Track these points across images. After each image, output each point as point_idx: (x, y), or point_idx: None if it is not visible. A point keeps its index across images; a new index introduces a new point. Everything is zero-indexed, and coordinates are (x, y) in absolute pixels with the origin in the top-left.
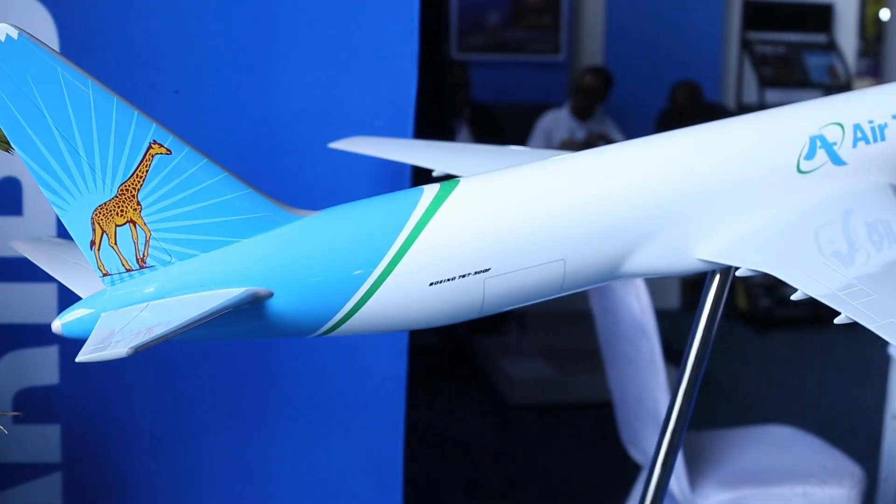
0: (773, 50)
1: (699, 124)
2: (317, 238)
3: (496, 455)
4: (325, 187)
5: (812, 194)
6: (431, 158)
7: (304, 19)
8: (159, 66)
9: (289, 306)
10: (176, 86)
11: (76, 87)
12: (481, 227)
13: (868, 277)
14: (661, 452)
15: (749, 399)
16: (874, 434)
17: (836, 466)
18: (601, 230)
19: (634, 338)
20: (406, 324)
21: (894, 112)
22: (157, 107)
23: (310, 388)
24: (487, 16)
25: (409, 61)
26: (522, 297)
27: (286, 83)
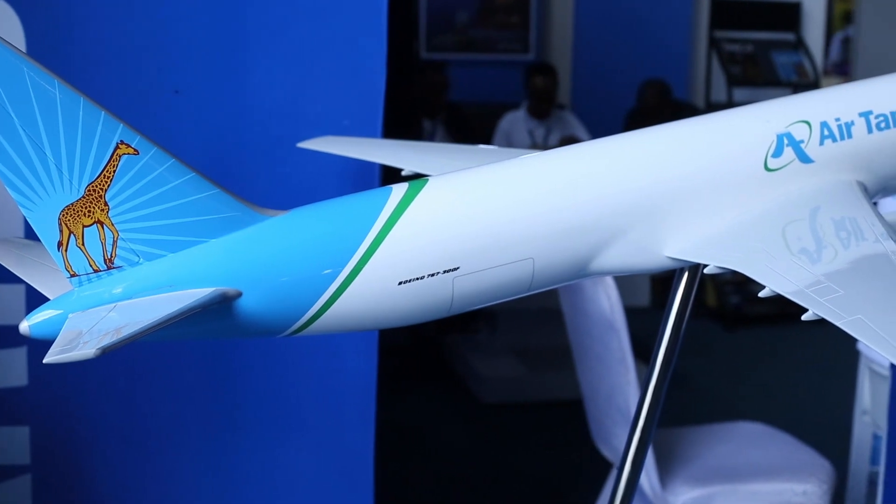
0: (741, 48)
1: (667, 123)
2: (285, 238)
3: (467, 453)
4: (293, 187)
5: (780, 192)
6: (400, 158)
7: (273, 19)
8: (127, 67)
9: (258, 306)
10: (143, 86)
11: (42, 87)
12: (450, 226)
13: (835, 274)
14: (631, 450)
15: (719, 396)
16: (843, 430)
17: (805, 462)
18: (569, 229)
19: (604, 336)
20: (375, 323)
21: (861, 110)
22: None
23: (280, 387)
24: (456, 15)
25: (377, 61)
26: (492, 296)
27: (254, 83)
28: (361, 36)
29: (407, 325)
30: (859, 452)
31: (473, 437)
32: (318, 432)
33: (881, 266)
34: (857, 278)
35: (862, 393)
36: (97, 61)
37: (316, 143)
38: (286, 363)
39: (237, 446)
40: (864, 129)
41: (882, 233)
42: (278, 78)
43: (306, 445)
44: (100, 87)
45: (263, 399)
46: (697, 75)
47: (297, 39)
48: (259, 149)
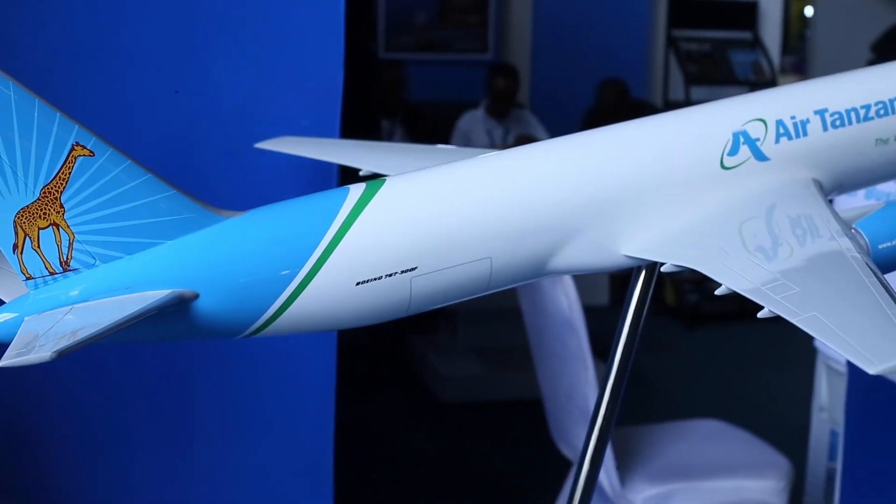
0: (698, 47)
1: (624, 122)
2: (242, 239)
3: (427, 453)
4: (251, 188)
5: (736, 190)
6: (358, 158)
7: (230, 20)
8: (85, 69)
9: (215, 307)
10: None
11: None
12: (407, 226)
13: (791, 272)
14: (590, 448)
15: (678, 394)
16: (801, 426)
17: (764, 459)
18: (526, 228)
19: (563, 334)
20: (334, 323)
21: (816, 108)
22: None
23: (239, 389)
24: (415, 15)
25: (335, 61)
26: (450, 296)
27: (212, 84)
28: (319, 37)
29: (365, 325)
30: (817, 449)
31: (434, 437)
32: (277, 434)
33: (836, 263)
34: (813, 275)
35: (819, 390)
36: (53, 64)
37: (274, 143)
38: (245, 365)
39: (196, 449)
40: (819, 127)
41: (837, 230)
42: (236, 79)
43: (266, 447)
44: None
45: (222, 401)
46: (655, 74)
47: (254, 40)
48: (217, 149)
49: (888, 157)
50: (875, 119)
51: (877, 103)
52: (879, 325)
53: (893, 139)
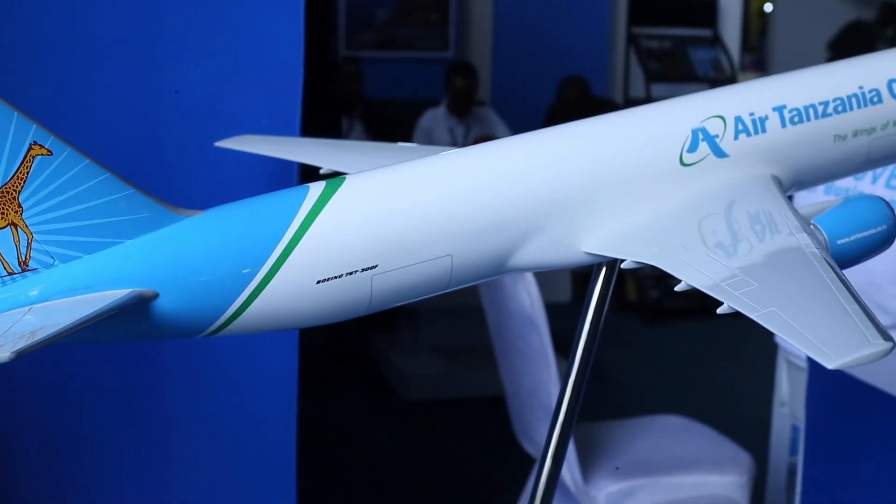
0: (658, 45)
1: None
2: (202, 237)
3: (390, 451)
4: (212, 186)
5: (695, 186)
6: (318, 156)
7: (190, 18)
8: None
9: (176, 306)
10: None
11: None
12: (367, 225)
13: (750, 268)
14: (552, 444)
15: (640, 390)
16: (763, 421)
17: (726, 454)
18: (487, 225)
19: (525, 332)
20: (295, 322)
21: (775, 104)
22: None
23: (200, 389)
24: (376, 13)
25: (294, 60)
26: (411, 294)
27: (172, 82)
28: (279, 35)
29: (326, 323)
30: (778, 443)
31: (396, 435)
32: (239, 433)
33: (795, 259)
34: (772, 271)
35: (780, 385)
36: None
37: (234, 141)
38: (206, 365)
39: (158, 448)
40: (778, 123)
41: (796, 226)
42: (196, 77)
43: (228, 447)
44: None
45: (183, 401)
46: (616, 71)
47: (214, 39)
48: (177, 148)
49: (846, 153)
50: (833, 115)
51: (835, 100)
52: (837, 321)
53: (852, 135)
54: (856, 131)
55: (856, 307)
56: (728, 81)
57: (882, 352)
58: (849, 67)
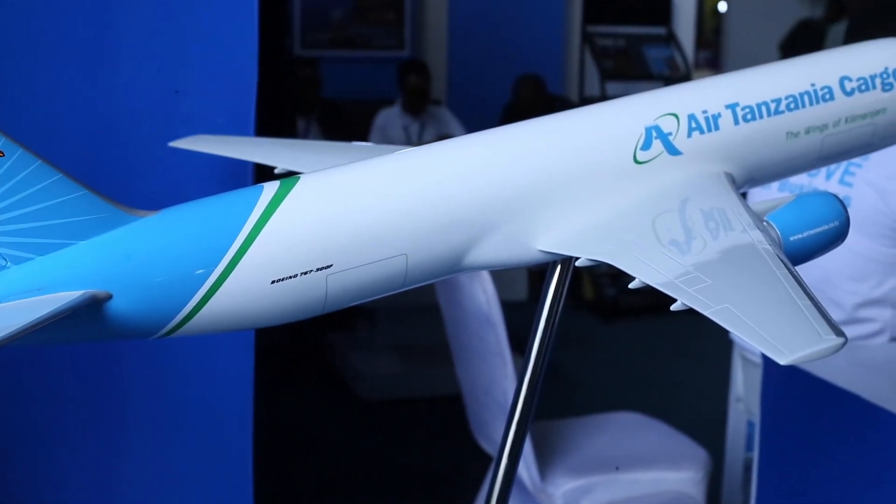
0: (613, 43)
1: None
2: (156, 238)
3: (349, 451)
4: (166, 187)
5: (649, 184)
6: (273, 155)
7: (143, 17)
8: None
9: (129, 308)
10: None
11: None
12: (322, 224)
13: (704, 265)
14: (508, 442)
15: (597, 387)
16: (719, 417)
17: (682, 450)
18: (442, 224)
19: (481, 330)
20: (250, 322)
21: (727, 102)
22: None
23: (156, 389)
24: (331, 12)
25: (248, 59)
26: (366, 293)
27: (122, 82)
28: (233, 34)
29: (281, 323)
30: (734, 439)
31: (354, 435)
32: (195, 434)
33: (748, 255)
34: (725, 268)
35: (735, 381)
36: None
37: (188, 141)
38: (162, 365)
39: (113, 450)
40: (730, 121)
41: (749, 223)
42: (148, 76)
43: (184, 448)
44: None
45: (139, 402)
46: (571, 70)
47: (167, 38)
48: (130, 148)
49: (799, 150)
50: (786, 113)
51: (787, 97)
52: (790, 316)
53: (804, 132)
54: (808, 128)
55: (808, 303)
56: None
57: (834, 347)
58: (801, 65)
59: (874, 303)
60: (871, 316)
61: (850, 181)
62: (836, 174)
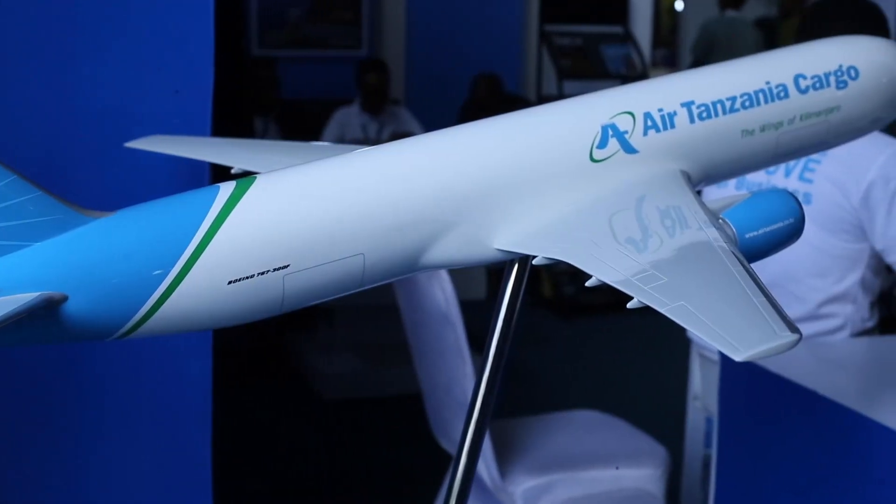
0: (570, 42)
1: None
2: (112, 239)
3: (309, 451)
4: (122, 188)
5: (606, 182)
6: (230, 156)
7: (98, 17)
8: None
9: (86, 309)
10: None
11: None
12: (278, 224)
13: (660, 262)
14: (467, 441)
15: (557, 385)
16: (678, 414)
17: (641, 448)
18: (398, 224)
19: (440, 329)
20: (207, 323)
21: (683, 100)
22: None
23: (114, 390)
24: (288, 11)
25: (204, 59)
26: (323, 293)
27: (80, 82)
28: (188, 34)
29: (239, 324)
30: (693, 437)
31: (314, 434)
32: (154, 435)
33: (704, 253)
34: (681, 266)
35: (693, 378)
36: None
37: (144, 142)
38: (119, 366)
39: (70, 452)
40: (686, 119)
41: (705, 220)
42: (104, 77)
43: (142, 448)
44: None
45: (97, 403)
46: (529, 69)
47: (122, 38)
48: (85, 149)
49: (754, 147)
50: (741, 111)
51: (742, 95)
52: (745, 313)
53: (759, 130)
54: (763, 126)
55: (763, 300)
56: (640, 78)
57: (789, 343)
58: (756, 63)
59: (836, 298)
60: (833, 311)
61: (810, 178)
62: (796, 171)
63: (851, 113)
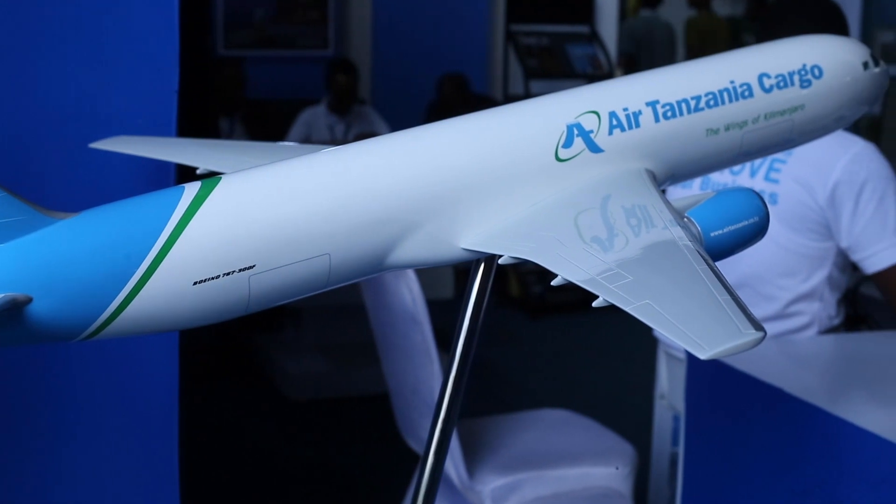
0: (537, 41)
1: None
2: (76, 240)
3: (276, 452)
4: (87, 188)
5: (571, 182)
6: (195, 156)
7: (61, 16)
8: None
9: (50, 311)
10: None
11: None
12: (243, 224)
13: (626, 261)
14: (434, 440)
15: (525, 384)
16: (645, 413)
17: (609, 446)
18: (363, 223)
19: (407, 329)
20: (173, 324)
21: (648, 99)
22: None
23: (80, 391)
24: (254, 11)
25: (169, 58)
26: (289, 293)
27: (43, 82)
28: (153, 33)
29: (204, 324)
30: (660, 434)
31: (281, 435)
32: (120, 435)
33: (669, 252)
34: (646, 264)
35: (660, 377)
36: None
37: (109, 143)
38: (85, 367)
39: (37, 450)
40: (651, 118)
41: (670, 219)
42: (68, 77)
43: (109, 449)
44: None
45: (62, 404)
46: (495, 68)
47: (86, 37)
48: (50, 150)
49: (719, 146)
50: (705, 110)
51: (707, 94)
52: (710, 312)
53: (724, 129)
54: (728, 125)
55: (728, 298)
56: (605, 77)
57: (753, 341)
58: (721, 63)
59: (804, 297)
60: (801, 310)
61: (775, 178)
62: (762, 171)
63: (816, 111)
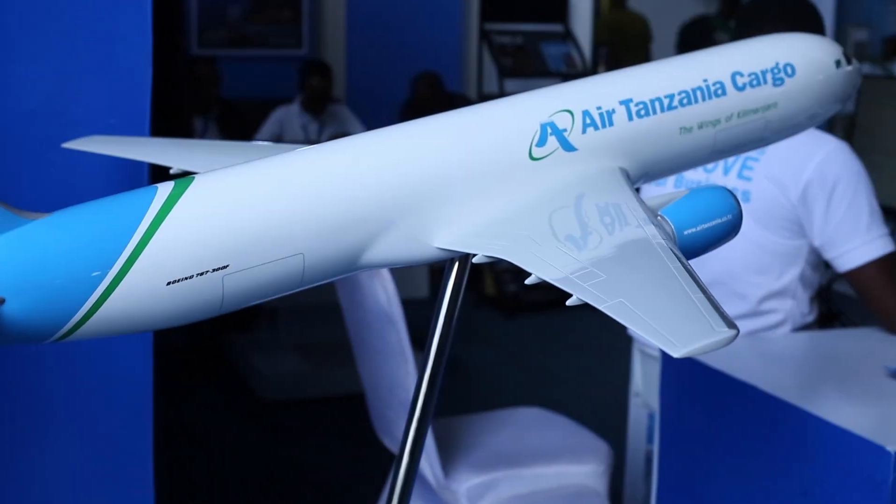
0: (511, 40)
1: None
2: (48, 241)
3: (251, 452)
4: (59, 189)
5: (545, 180)
6: (168, 156)
7: (32, 14)
8: None
9: (22, 312)
10: None
11: None
12: (217, 224)
13: (600, 260)
14: (409, 439)
15: (500, 383)
16: (620, 411)
17: (584, 444)
18: (337, 223)
19: (382, 328)
20: (146, 324)
21: (621, 98)
22: None
23: (53, 392)
24: (228, 10)
25: (143, 58)
26: (263, 293)
27: (13, 82)
28: (125, 32)
29: (178, 325)
30: (635, 433)
31: (256, 435)
32: (94, 436)
33: (643, 250)
34: (620, 263)
35: (635, 375)
36: None
37: (82, 143)
38: (58, 367)
39: (8, 453)
40: (624, 116)
41: (643, 218)
42: (39, 76)
43: (82, 450)
44: None
45: (34, 404)
46: (470, 67)
47: (58, 36)
48: (21, 150)
49: (692, 144)
50: (679, 108)
51: (680, 93)
52: (683, 310)
53: (697, 127)
54: (701, 123)
55: (701, 296)
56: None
57: (726, 339)
58: (694, 61)
59: (777, 294)
60: (774, 307)
61: (748, 175)
62: (735, 169)
63: (789, 109)
